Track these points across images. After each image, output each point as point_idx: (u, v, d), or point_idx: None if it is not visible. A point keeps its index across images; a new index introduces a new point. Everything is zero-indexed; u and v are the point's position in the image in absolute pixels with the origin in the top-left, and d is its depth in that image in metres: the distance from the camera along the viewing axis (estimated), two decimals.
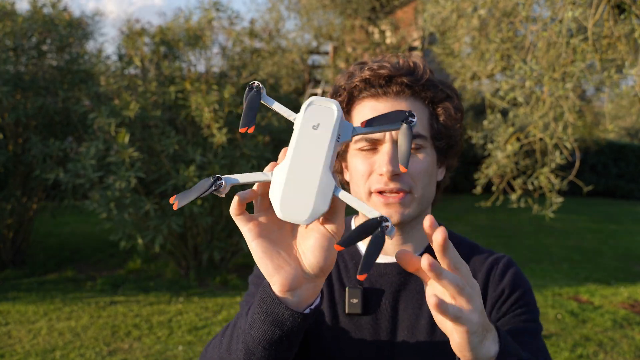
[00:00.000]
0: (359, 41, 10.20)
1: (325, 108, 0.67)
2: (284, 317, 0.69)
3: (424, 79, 0.97)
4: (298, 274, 0.68)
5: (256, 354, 0.74)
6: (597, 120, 11.84)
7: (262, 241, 0.68)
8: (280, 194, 0.63)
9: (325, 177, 0.63)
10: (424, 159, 0.97)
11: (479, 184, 4.55)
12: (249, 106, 0.68)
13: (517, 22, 4.00)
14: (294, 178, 0.63)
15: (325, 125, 0.65)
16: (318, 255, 0.67)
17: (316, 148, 0.64)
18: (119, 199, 4.60)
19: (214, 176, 0.65)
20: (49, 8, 5.81)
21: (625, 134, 21.60)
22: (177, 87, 5.06)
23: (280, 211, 0.63)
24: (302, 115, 0.67)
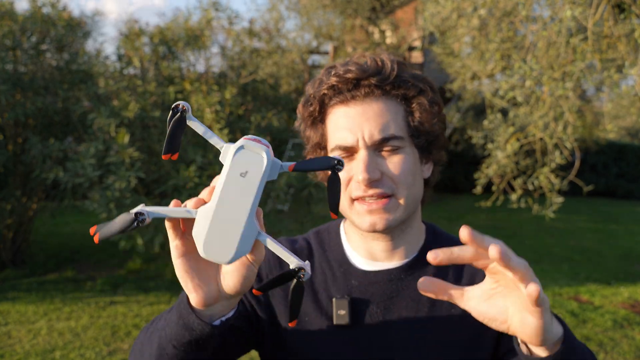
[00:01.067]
0: (359, 41, 10.20)
1: (255, 155, 0.66)
2: (194, 325, 0.74)
3: (393, 77, 0.93)
4: (214, 294, 0.72)
5: (167, 350, 0.78)
6: (597, 120, 11.83)
7: (185, 260, 0.71)
8: (204, 235, 0.66)
9: (250, 225, 0.66)
10: (404, 159, 0.93)
11: (479, 183, 4.55)
12: (172, 131, 0.67)
13: (517, 22, 3.99)
14: (219, 221, 0.65)
15: (254, 174, 0.66)
16: (235, 280, 0.70)
17: (242, 195, 0.65)
18: (119, 199, 4.60)
19: (136, 212, 0.64)
20: (48, 8, 5.81)
21: (626, 134, 21.60)
22: (177, 88, 5.06)
23: (203, 251, 0.66)
24: (231, 159, 0.66)
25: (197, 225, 0.66)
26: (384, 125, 0.91)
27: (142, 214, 0.65)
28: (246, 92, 5.66)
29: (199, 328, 0.74)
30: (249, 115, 5.30)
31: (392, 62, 0.94)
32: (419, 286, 0.69)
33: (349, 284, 0.99)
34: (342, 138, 0.92)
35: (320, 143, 0.98)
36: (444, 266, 1.01)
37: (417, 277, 0.99)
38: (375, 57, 0.95)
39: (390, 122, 0.92)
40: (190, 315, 0.74)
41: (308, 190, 5.11)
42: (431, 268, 1.00)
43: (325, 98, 0.95)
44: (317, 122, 0.97)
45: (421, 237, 1.03)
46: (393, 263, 1.00)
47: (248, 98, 5.64)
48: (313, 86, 0.97)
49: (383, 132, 0.91)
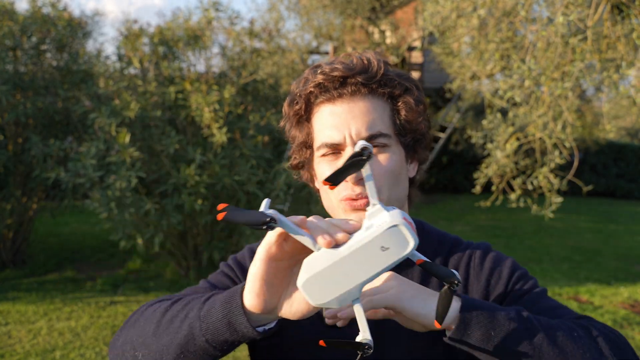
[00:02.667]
0: (359, 41, 10.20)
1: (404, 239, 0.67)
2: (240, 326, 0.74)
3: (379, 75, 0.93)
4: (272, 307, 0.73)
5: (197, 341, 0.76)
6: (597, 120, 11.84)
7: (268, 266, 0.71)
8: (315, 272, 0.67)
9: (356, 290, 0.68)
10: (389, 158, 0.93)
11: (478, 183, 4.55)
12: (347, 167, 0.70)
13: (517, 22, 4.00)
14: (334, 271, 0.67)
15: (393, 254, 0.67)
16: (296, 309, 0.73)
17: (371, 264, 0.67)
18: (120, 199, 4.61)
19: (271, 217, 0.65)
20: (48, 8, 5.81)
21: (625, 134, 21.61)
22: (177, 87, 5.07)
23: (302, 283, 0.67)
24: (382, 231, 0.67)
25: (315, 259, 0.68)
26: (370, 122, 0.92)
27: (274, 220, 0.66)
28: (246, 92, 5.66)
29: (243, 331, 0.74)
30: (249, 115, 5.30)
31: (379, 61, 0.94)
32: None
33: None
34: (329, 136, 0.92)
35: (306, 142, 0.98)
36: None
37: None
38: (361, 55, 0.94)
39: (377, 120, 0.92)
40: (241, 316, 0.73)
41: (308, 190, 5.11)
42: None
43: (312, 96, 0.94)
44: (302, 120, 0.97)
45: None
46: None
47: (248, 98, 5.64)
48: (298, 85, 0.97)
49: (370, 129, 0.91)
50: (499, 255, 1.03)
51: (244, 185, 4.98)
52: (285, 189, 5.03)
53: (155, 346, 0.81)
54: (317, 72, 0.94)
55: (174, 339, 0.79)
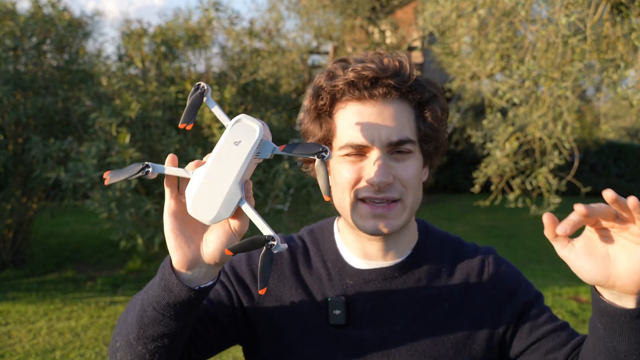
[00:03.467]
0: (359, 41, 10.21)
1: (249, 127, 0.74)
2: (174, 286, 0.78)
3: (411, 80, 0.91)
4: (194, 258, 0.78)
5: (147, 312, 0.81)
6: (597, 120, 11.84)
7: (174, 219, 0.77)
8: (194, 194, 0.73)
9: (234, 189, 0.73)
10: (413, 164, 0.92)
11: (477, 182, 4.55)
12: (191, 105, 0.75)
13: (517, 22, 4.00)
14: (208, 184, 0.73)
15: (246, 143, 0.74)
16: (215, 247, 0.76)
17: (233, 162, 0.73)
18: (120, 199, 4.61)
19: (143, 163, 0.74)
20: (49, 8, 5.81)
21: (625, 134, 21.61)
22: (178, 87, 5.07)
23: (191, 208, 0.73)
24: (229, 129, 0.75)
25: (190, 185, 0.74)
26: (400, 127, 0.90)
27: (148, 166, 0.74)
28: (246, 92, 5.67)
29: (176, 289, 0.78)
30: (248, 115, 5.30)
31: (411, 65, 0.93)
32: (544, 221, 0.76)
33: (344, 283, 0.99)
34: (356, 136, 0.90)
35: (326, 138, 0.95)
36: (438, 264, 1.02)
37: (411, 275, 1.00)
38: (393, 57, 0.92)
39: (405, 125, 0.91)
40: (171, 275, 0.78)
41: (307, 190, 5.11)
42: (425, 266, 1.01)
43: (338, 93, 0.92)
44: (324, 116, 0.94)
45: (414, 235, 1.04)
46: (387, 262, 1.00)
47: (248, 98, 5.65)
48: (325, 78, 0.93)
49: (399, 135, 0.90)
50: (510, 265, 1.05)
51: None
52: (285, 188, 5.03)
53: (124, 329, 0.86)
54: (348, 68, 0.91)
55: (133, 317, 0.84)
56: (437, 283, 1.00)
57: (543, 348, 0.95)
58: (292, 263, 1.04)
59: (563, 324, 0.98)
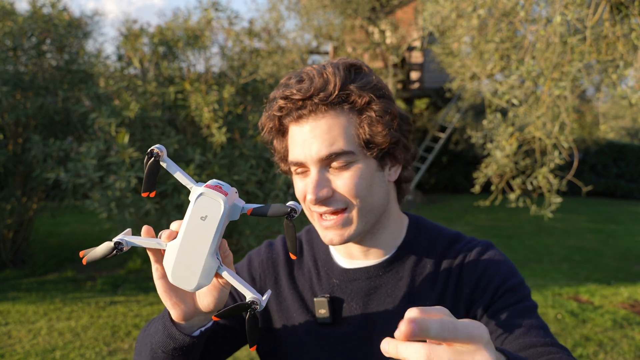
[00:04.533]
0: (359, 41, 10.21)
1: (214, 202, 0.74)
2: (176, 335, 0.85)
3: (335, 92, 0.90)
4: (190, 310, 0.83)
5: (157, 354, 0.88)
6: (596, 120, 11.84)
7: (164, 281, 0.81)
8: (172, 266, 0.76)
9: (209, 261, 0.75)
10: (356, 173, 0.92)
11: (477, 183, 4.55)
12: (148, 174, 0.76)
13: (517, 22, 4.00)
14: (183, 257, 0.75)
15: (212, 219, 0.74)
16: (209, 301, 0.82)
17: (202, 237, 0.74)
18: (120, 199, 4.61)
19: (115, 242, 0.75)
20: (48, 8, 5.81)
21: (625, 134, 21.61)
22: (177, 88, 5.07)
23: (172, 278, 0.76)
24: (192, 205, 0.74)
25: (166, 257, 0.77)
26: (330, 141, 0.91)
27: (121, 243, 0.76)
28: (246, 92, 5.66)
29: (180, 338, 0.85)
30: (248, 115, 5.30)
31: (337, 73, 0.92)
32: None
33: (331, 282, 1.03)
34: (294, 154, 0.95)
35: (284, 156, 1.00)
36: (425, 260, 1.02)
37: (394, 273, 1.01)
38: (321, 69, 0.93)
39: (338, 137, 0.91)
40: (172, 327, 0.85)
41: None
42: (411, 264, 1.01)
43: (279, 118, 0.96)
44: (279, 135, 0.99)
45: (401, 233, 1.04)
46: (370, 261, 1.02)
47: (248, 98, 5.64)
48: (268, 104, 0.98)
49: (329, 148, 0.91)
50: (496, 257, 1.00)
51: (244, 185, 4.98)
52: (285, 189, 5.03)
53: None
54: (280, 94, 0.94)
55: (146, 355, 0.91)
56: (421, 279, 1.00)
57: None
58: (286, 263, 1.09)
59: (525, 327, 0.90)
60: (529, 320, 0.91)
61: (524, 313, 0.93)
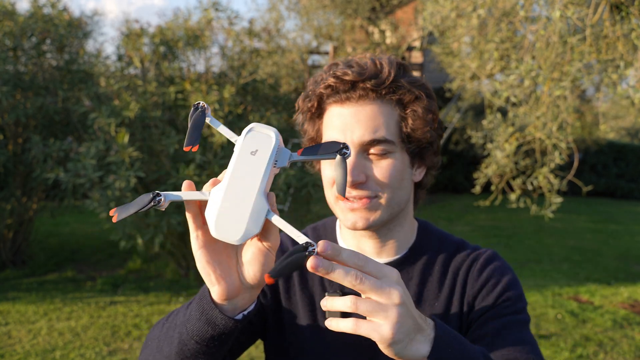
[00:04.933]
0: (359, 41, 10.20)
1: (264, 135, 0.70)
2: (217, 320, 0.74)
3: (388, 81, 0.94)
4: (236, 285, 0.73)
5: (188, 346, 0.78)
6: (597, 120, 11.84)
7: (206, 251, 0.71)
8: (216, 214, 0.66)
9: (259, 201, 0.66)
10: (391, 164, 0.95)
11: (478, 183, 4.55)
12: (194, 125, 0.71)
13: (517, 22, 4.00)
14: (230, 200, 0.66)
15: (263, 152, 0.69)
16: (256, 269, 0.71)
17: (252, 173, 0.68)
18: (119, 199, 4.61)
19: (153, 192, 0.67)
20: (48, 8, 5.81)
21: (625, 134, 21.61)
22: (177, 88, 5.07)
23: (215, 230, 0.66)
24: (242, 140, 0.70)
25: (209, 206, 0.67)
26: (374, 127, 0.93)
27: (159, 195, 0.67)
28: (246, 92, 5.66)
29: (222, 323, 0.74)
30: (248, 115, 5.30)
31: (391, 65, 0.95)
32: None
33: None
34: (333, 136, 0.95)
35: (315, 138, 1.01)
36: (432, 265, 1.04)
37: (405, 273, 1.02)
38: (375, 59, 0.96)
39: (381, 126, 0.93)
40: (214, 310, 0.74)
41: (307, 190, 5.11)
42: (419, 266, 1.03)
43: (322, 96, 0.97)
44: (314, 117, 1.00)
45: (412, 236, 1.06)
46: (382, 259, 1.03)
47: (248, 98, 5.64)
48: (313, 82, 0.99)
49: (373, 134, 0.93)
50: (501, 267, 1.03)
51: None
52: (285, 188, 5.03)
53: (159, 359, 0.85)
54: (331, 72, 0.96)
55: (172, 349, 0.81)
56: (430, 281, 1.02)
57: None
58: None
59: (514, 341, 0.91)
60: (519, 334, 0.94)
61: (516, 325, 0.95)
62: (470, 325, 0.98)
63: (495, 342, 0.92)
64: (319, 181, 5.01)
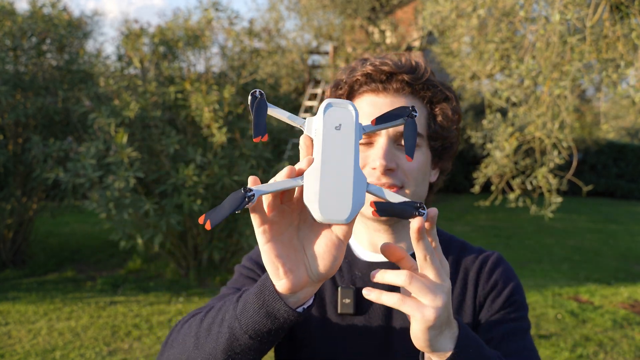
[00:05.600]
0: (359, 41, 10.20)
1: (343, 109, 0.69)
2: (279, 313, 0.71)
3: (424, 78, 0.98)
4: (303, 278, 0.70)
5: (240, 340, 0.75)
6: (597, 120, 11.85)
7: (273, 245, 0.68)
8: (318, 197, 0.64)
9: (358, 174, 0.65)
10: (418, 157, 0.98)
11: (477, 183, 4.55)
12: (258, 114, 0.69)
13: (517, 22, 4.00)
14: (328, 179, 0.64)
15: (347, 125, 0.67)
16: (326, 262, 0.69)
17: (343, 147, 0.66)
18: (119, 199, 4.61)
19: (244, 188, 0.63)
20: (48, 8, 5.81)
21: (625, 134, 21.61)
22: (177, 88, 5.07)
23: (320, 214, 0.63)
24: (322, 117, 0.68)
25: (307, 191, 0.64)
26: None
27: (251, 191, 0.63)
28: (246, 92, 5.67)
29: (284, 316, 0.71)
30: (248, 115, 5.30)
31: (426, 65, 0.99)
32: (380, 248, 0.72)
33: (353, 275, 1.04)
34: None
35: None
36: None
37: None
38: (411, 57, 1.00)
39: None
40: (278, 302, 0.71)
41: None
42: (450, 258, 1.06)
43: (356, 84, 0.99)
44: None
45: None
46: None
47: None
48: (345, 72, 1.01)
49: None
50: (508, 271, 1.05)
51: (244, 185, 4.98)
52: None
53: (200, 358, 0.80)
54: (367, 63, 0.98)
55: (218, 345, 0.78)
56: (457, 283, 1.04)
57: None
58: None
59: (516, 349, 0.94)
60: (522, 342, 0.97)
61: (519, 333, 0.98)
62: (478, 324, 1.01)
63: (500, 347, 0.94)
64: None
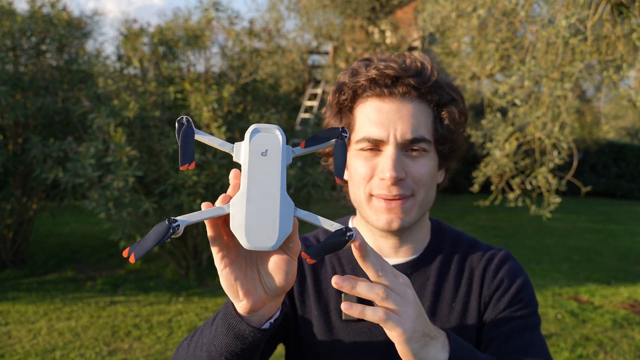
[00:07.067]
0: (359, 41, 10.20)
1: (270, 134, 0.67)
2: (245, 333, 0.73)
3: (431, 81, 0.94)
4: (262, 297, 0.71)
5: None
6: (597, 120, 11.84)
7: (231, 269, 0.69)
8: (244, 224, 0.63)
9: (285, 200, 0.65)
10: (427, 163, 0.95)
11: (476, 182, 4.55)
12: (185, 142, 0.67)
13: (517, 22, 4.00)
14: (254, 206, 0.64)
15: (273, 150, 0.66)
16: (279, 278, 0.70)
17: (269, 173, 0.65)
18: (118, 199, 4.60)
19: (169, 219, 0.63)
20: (48, 8, 5.81)
21: (625, 134, 21.60)
22: (177, 87, 5.07)
23: (247, 241, 0.63)
24: (248, 143, 0.67)
25: (233, 218, 0.64)
26: (416, 125, 0.92)
27: (176, 221, 0.63)
28: (246, 91, 5.66)
29: (251, 335, 0.73)
30: (248, 115, 5.30)
31: (432, 67, 0.96)
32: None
33: None
34: (373, 131, 0.93)
35: None
36: (448, 263, 1.04)
37: (422, 272, 1.02)
38: (416, 59, 0.96)
39: (422, 124, 0.93)
40: (241, 323, 0.73)
41: (307, 190, 5.11)
42: (436, 265, 1.04)
43: (359, 89, 0.95)
44: (345, 110, 0.98)
45: (427, 235, 1.06)
46: (399, 259, 1.03)
47: (248, 98, 5.64)
48: (347, 75, 0.97)
49: (415, 133, 0.92)
50: (515, 268, 1.04)
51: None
52: None
53: None
54: (371, 66, 0.94)
55: None
56: (445, 282, 1.02)
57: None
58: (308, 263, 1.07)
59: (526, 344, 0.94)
60: (529, 338, 0.95)
61: (527, 329, 0.97)
62: (484, 324, 0.99)
63: (506, 345, 0.93)
64: (319, 181, 5.01)
